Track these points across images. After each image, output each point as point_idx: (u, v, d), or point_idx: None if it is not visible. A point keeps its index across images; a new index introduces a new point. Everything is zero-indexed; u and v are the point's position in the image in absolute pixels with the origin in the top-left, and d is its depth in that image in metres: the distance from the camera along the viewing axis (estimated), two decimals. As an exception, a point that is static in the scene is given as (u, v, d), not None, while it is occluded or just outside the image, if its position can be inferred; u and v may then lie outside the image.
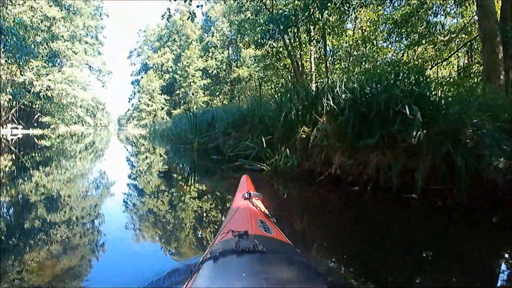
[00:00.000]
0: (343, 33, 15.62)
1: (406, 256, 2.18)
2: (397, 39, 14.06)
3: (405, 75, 4.22)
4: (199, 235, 2.61)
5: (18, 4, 25.66)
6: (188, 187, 4.69)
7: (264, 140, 5.23)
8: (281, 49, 16.20)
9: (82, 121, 42.86)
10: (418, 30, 12.51)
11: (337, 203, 3.81)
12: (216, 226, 2.64)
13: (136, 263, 1.99)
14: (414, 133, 3.35)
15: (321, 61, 17.48)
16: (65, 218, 2.88)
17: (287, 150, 4.78)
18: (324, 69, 16.55)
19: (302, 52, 16.18)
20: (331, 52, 18.14)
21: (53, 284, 1.68)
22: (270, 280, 0.82)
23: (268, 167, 5.02)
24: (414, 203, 3.40)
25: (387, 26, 14.66)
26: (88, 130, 42.53)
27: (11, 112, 28.87)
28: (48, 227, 2.60)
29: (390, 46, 15.51)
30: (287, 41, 14.67)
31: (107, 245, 2.25)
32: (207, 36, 41.15)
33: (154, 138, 19.85)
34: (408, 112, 3.44)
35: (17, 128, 27.10)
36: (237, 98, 30.40)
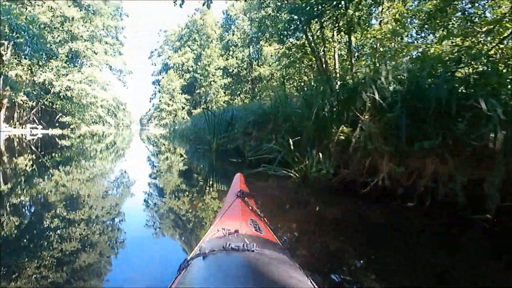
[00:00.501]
0: (369, 27, 14.76)
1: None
2: (430, 32, 13.05)
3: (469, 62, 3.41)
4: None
5: (38, 4, 25.77)
6: (204, 192, 4.23)
7: (291, 142, 4.50)
8: (304, 45, 15.51)
9: (103, 121, 43.17)
10: (454, 21, 11.49)
11: (381, 221, 2.98)
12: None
13: (150, 259, 2.03)
14: (492, 135, 2.58)
15: (344, 58, 16.63)
16: (85, 216, 2.88)
17: (320, 154, 3.99)
18: (348, 67, 15.69)
19: (325, 49, 15.39)
20: (355, 49, 17.23)
21: (71, 281, 1.68)
22: (257, 279, 0.80)
23: (297, 174, 4.26)
24: (488, 226, 2.61)
25: (414, 19, 13.72)
26: (109, 130, 43.08)
27: (32, 112, 29.16)
28: (68, 225, 2.59)
29: (418, 41, 14.50)
30: (310, 37, 13.95)
31: (126, 243, 2.29)
32: (228, 35, 40.68)
33: (174, 138, 19.64)
34: (484, 107, 2.64)
35: (37, 128, 27.40)
36: (258, 97, 29.68)
